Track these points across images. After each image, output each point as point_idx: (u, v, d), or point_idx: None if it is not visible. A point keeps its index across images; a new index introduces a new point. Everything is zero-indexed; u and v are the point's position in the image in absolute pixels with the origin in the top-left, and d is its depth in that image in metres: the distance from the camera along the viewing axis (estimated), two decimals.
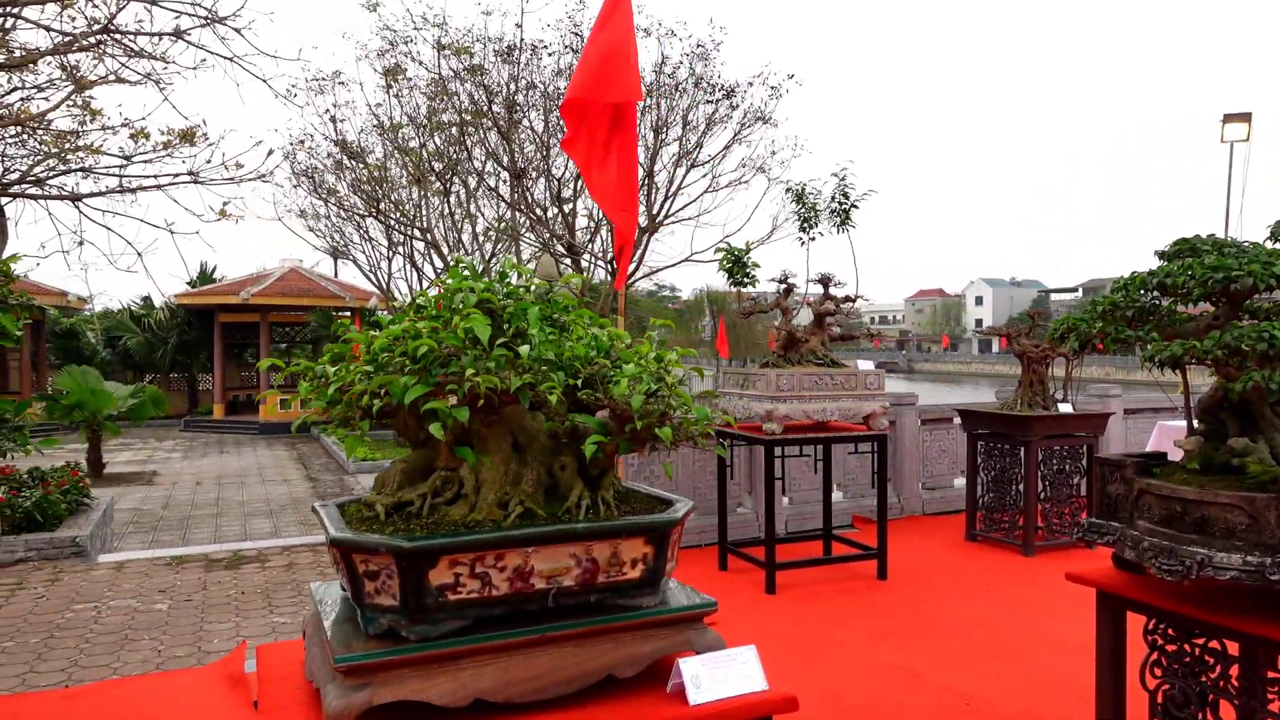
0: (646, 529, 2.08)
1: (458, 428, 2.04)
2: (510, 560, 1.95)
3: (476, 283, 2.11)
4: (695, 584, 6.70)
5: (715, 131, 11.62)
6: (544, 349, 1.98)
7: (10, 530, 9.32)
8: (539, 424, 2.22)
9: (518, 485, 2.11)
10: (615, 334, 2.32)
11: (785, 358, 6.83)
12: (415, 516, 2.05)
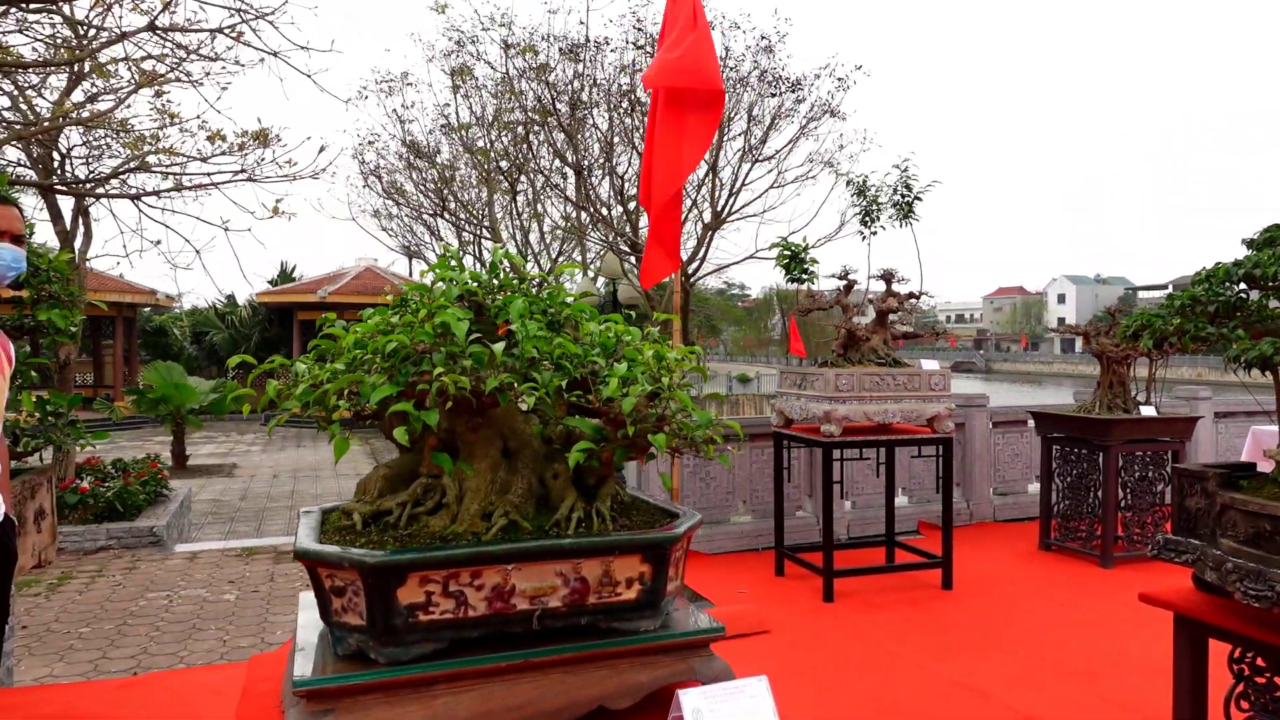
0: (642, 546, 1.87)
1: (442, 432, 1.87)
2: (488, 578, 1.75)
3: (459, 274, 1.93)
4: (750, 589, 6.46)
5: (781, 126, 11.30)
6: (528, 346, 1.79)
7: (93, 519, 9.58)
8: (532, 428, 2.02)
9: (505, 495, 1.91)
10: (623, 332, 2.12)
11: (845, 357, 6.51)
12: (393, 527, 1.88)
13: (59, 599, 8.41)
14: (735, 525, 7.55)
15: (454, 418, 1.84)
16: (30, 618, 7.96)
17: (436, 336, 1.72)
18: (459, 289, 1.91)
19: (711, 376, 44.27)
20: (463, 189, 14.49)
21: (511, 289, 1.99)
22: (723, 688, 1.89)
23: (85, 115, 8.35)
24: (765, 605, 6.05)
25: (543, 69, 11.65)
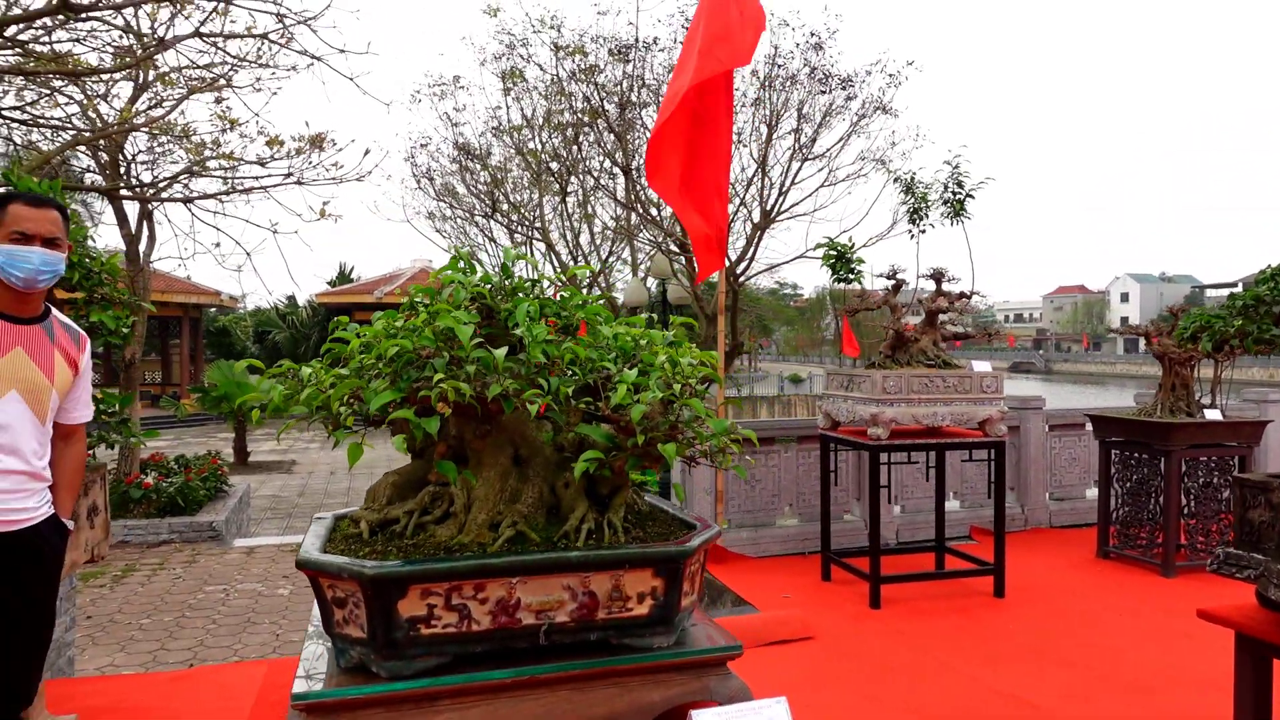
0: (654, 560, 1.77)
1: (450, 439, 1.81)
2: (492, 591, 1.68)
3: (468, 276, 1.86)
4: (796, 594, 6.31)
5: (831, 123, 11.08)
6: (535, 351, 1.71)
7: (155, 514, 9.82)
8: (544, 435, 1.95)
9: (514, 504, 1.84)
10: (645, 336, 2.03)
11: (893, 358, 6.32)
12: (399, 536, 1.82)
13: (122, 590, 8.63)
14: (781, 528, 7.41)
15: (462, 424, 1.78)
16: (95, 608, 8.18)
17: (439, 341, 1.66)
18: (468, 292, 1.84)
19: (763, 377, 43.79)
20: (515, 190, 14.55)
21: (524, 291, 1.92)
22: (739, 708, 1.79)
23: (141, 121, 8.52)
24: (810, 610, 5.91)
25: (592, 70, 11.62)
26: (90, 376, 3.11)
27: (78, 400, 3.00)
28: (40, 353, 2.78)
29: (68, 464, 3.03)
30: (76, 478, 3.12)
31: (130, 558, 9.32)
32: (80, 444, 3.15)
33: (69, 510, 3.08)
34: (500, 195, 14.06)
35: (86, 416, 3.11)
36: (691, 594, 1.90)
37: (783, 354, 75.38)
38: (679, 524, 2.00)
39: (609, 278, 16.16)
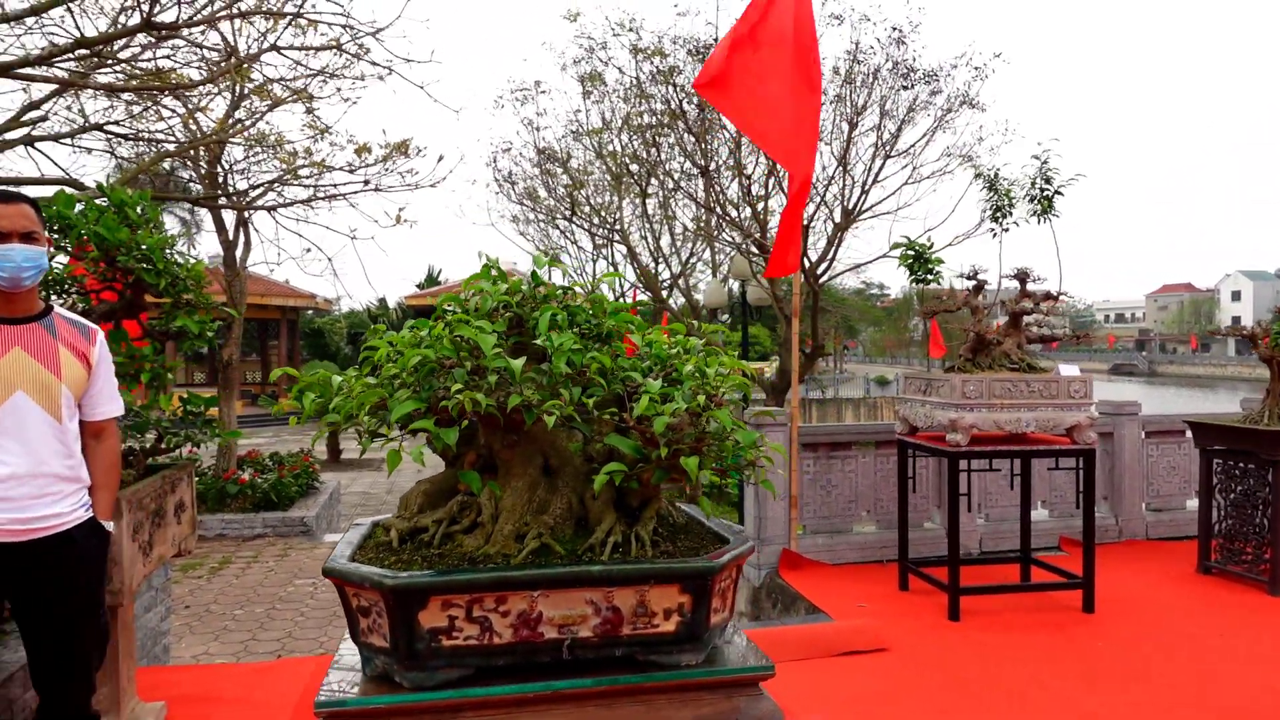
0: (680, 575, 1.72)
1: (480, 448, 1.79)
2: (514, 604, 1.65)
3: (495, 285, 1.84)
4: (872, 604, 6.13)
5: (915, 119, 10.76)
6: (559, 361, 1.67)
7: (250, 508, 10.21)
8: (575, 445, 1.91)
9: (541, 515, 1.81)
10: (683, 343, 1.97)
11: (974, 361, 6.08)
12: (426, 546, 1.81)
13: (218, 582, 9.00)
14: (858, 535, 7.22)
15: (490, 434, 1.76)
16: (192, 598, 8.55)
17: (462, 351, 1.64)
18: (495, 300, 1.82)
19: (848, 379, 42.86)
20: (595, 193, 14.63)
21: (555, 298, 1.89)
22: None
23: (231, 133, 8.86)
24: (886, 621, 5.73)
25: (671, 72, 11.58)
26: (110, 370, 3.00)
27: (99, 395, 2.90)
28: (43, 350, 2.68)
29: (100, 462, 2.93)
30: (112, 475, 3.01)
31: (226, 550, 9.72)
32: (111, 440, 3.01)
33: (107, 511, 2.97)
34: (580, 198, 14.15)
35: (114, 411, 3.00)
36: (722, 611, 1.84)
37: (869, 355, 73.77)
38: (713, 538, 1.94)
39: (689, 280, 16.10)
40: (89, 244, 4.39)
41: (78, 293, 4.64)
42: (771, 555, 6.86)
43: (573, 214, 14.26)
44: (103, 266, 4.64)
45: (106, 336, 4.37)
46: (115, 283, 4.79)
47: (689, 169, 12.61)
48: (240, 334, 11.22)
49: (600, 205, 14.82)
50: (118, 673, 4.28)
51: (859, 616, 5.93)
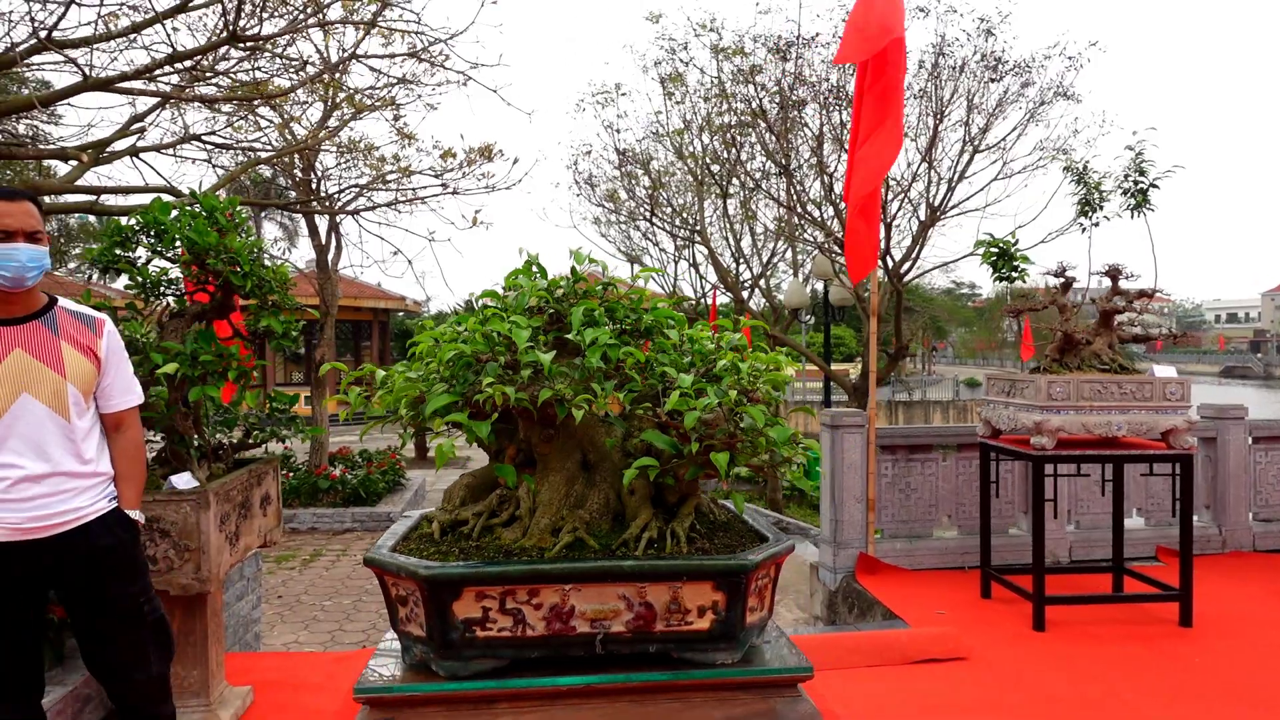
0: (713, 573, 1.69)
1: (520, 442, 1.80)
2: (546, 597, 1.66)
3: (532, 280, 1.84)
4: (952, 611, 5.96)
5: (1005, 112, 10.39)
6: (593, 356, 1.67)
7: (340, 503, 10.57)
8: (613, 441, 1.91)
9: (578, 510, 1.81)
10: (725, 339, 1.95)
11: (1061, 362, 5.83)
12: (466, 538, 1.83)
13: (309, 574, 9.34)
14: (938, 540, 7.01)
15: (528, 429, 1.77)
16: (285, 589, 8.90)
17: (498, 345, 1.65)
18: (532, 296, 1.83)
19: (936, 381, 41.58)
20: (676, 194, 14.62)
21: (596, 294, 1.88)
22: None
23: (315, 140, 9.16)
24: (966, 629, 5.55)
25: (753, 70, 11.50)
26: (123, 359, 2.89)
27: (112, 388, 2.81)
28: (43, 348, 2.62)
29: (121, 453, 2.84)
30: (134, 466, 2.90)
31: (318, 543, 10.08)
32: (131, 430, 2.91)
33: (132, 501, 2.87)
34: (661, 199, 14.17)
35: (130, 402, 2.89)
36: (760, 610, 1.81)
37: (959, 357, 71.49)
38: (753, 536, 1.91)
39: (770, 280, 15.94)
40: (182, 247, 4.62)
41: (174, 294, 4.89)
42: (848, 559, 6.72)
43: (653, 215, 14.29)
44: (195, 269, 4.88)
45: (197, 336, 4.58)
46: (208, 285, 5.03)
47: (770, 168, 12.49)
48: (333, 335, 11.62)
49: (681, 206, 14.81)
50: (207, 656, 4.47)
51: (938, 623, 5.76)
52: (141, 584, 2.82)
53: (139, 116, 5.84)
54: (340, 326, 25.28)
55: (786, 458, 1.75)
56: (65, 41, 4.43)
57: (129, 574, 2.77)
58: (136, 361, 4.43)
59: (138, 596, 2.78)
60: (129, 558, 2.77)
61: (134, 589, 2.77)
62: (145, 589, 2.84)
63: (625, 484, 1.69)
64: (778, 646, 1.90)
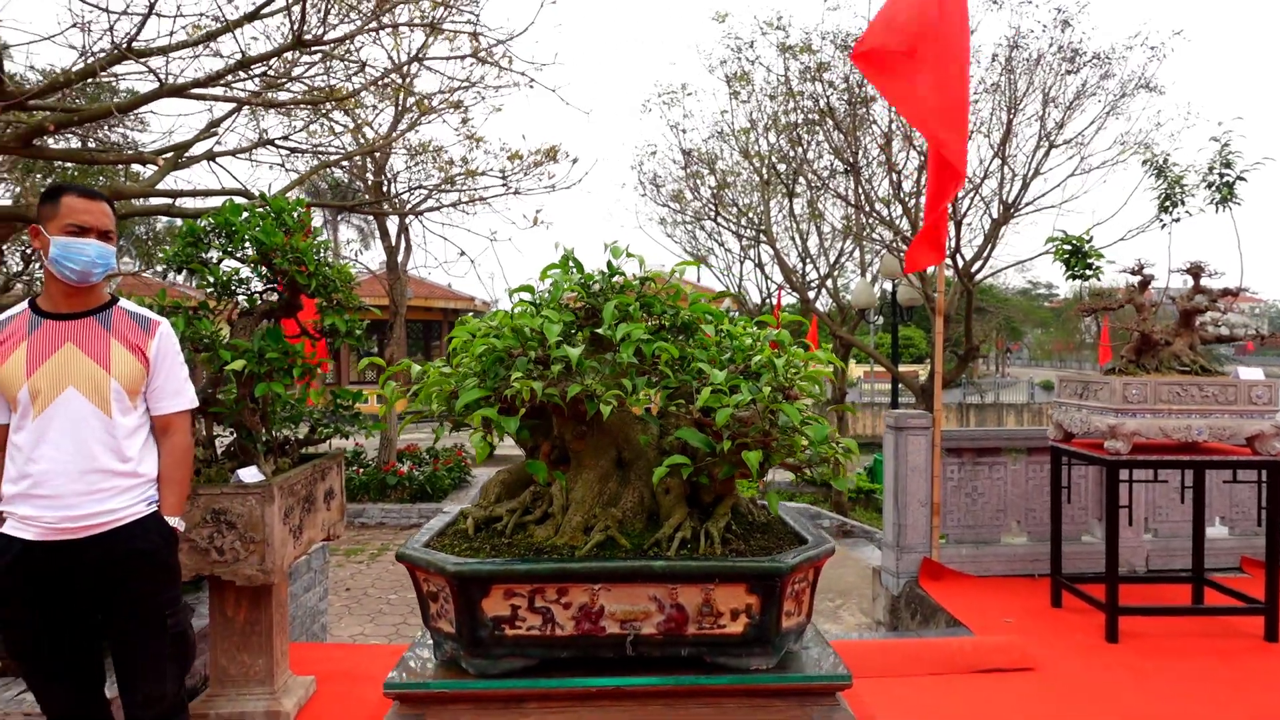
0: (747, 575, 1.63)
1: (555, 439, 1.77)
2: (575, 596, 1.62)
3: (567, 275, 1.81)
4: (1019, 619, 5.75)
5: (1083, 105, 9.99)
6: (626, 350, 1.62)
7: (408, 499, 10.75)
8: (647, 439, 1.86)
9: (611, 508, 1.77)
10: (759, 337, 1.88)
11: (1138, 364, 5.58)
12: (499, 535, 1.81)
13: (377, 567, 9.52)
14: (1006, 547, 6.78)
15: (562, 425, 1.73)
16: (353, 581, 9.08)
17: (528, 340, 1.62)
18: (566, 290, 1.79)
19: (1011, 383, 40.22)
20: (742, 194, 14.49)
21: (630, 288, 1.84)
22: None
23: (381, 143, 9.31)
24: (1034, 638, 5.34)
25: (820, 68, 11.33)
26: (175, 363, 2.82)
27: (162, 390, 2.76)
28: (92, 343, 2.60)
29: (167, 457, 2.76)
30: (178, 471, 2.80)
31: (385, 538, 10.27)
32: (179, 435, 2.81)
33: (173, 507, 2.77)
34: (726, 199, 14.06)
35: (179, 405, 2.80)
36: (796, 615, 1.74)
37: (1035, 359, 69.19)
38: (792, 539, 1.83)
39: (837, 280, 15.67)
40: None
41: (245, 294, 5.04)
42: (911, 564, 6.55)
43: (718, 215, 14.18)
44: (264, 269, 5.01)
45: (264, 334, 4.68)
46: (277, 284, 5.16)
47: (837, 166, 12.29)
48: (403, 335, 11.82)
49: (746, 206, 14.67)
50: (272, 646, 4.56)
51: (1004, 632, 5.56)
52: (170, 594, 2.74)
53: (215, 122, 6.02)
54: (411, 326, 25.77)
55: (824, 457, 1.68)
56: (143, 50, 4.58)
57: (159, 580, 2.68)
58: (206, 359, 4.57)
59: (164, 605, 2.70)
60: (161, 564, 2.69)
61: (162, 596, 2.70)
62: (174, 599, 2.76)
63: (655, 481, 1.64)
64: (817, 653, 1.82)
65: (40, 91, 4.37)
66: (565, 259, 1.91)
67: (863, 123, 11.55)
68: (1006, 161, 10.36)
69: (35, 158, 4.42)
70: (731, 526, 1.80)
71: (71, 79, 4.32)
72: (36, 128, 4.33)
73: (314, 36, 4.32)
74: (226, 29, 4.69)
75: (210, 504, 4.54)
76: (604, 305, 1.73)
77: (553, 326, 1.61)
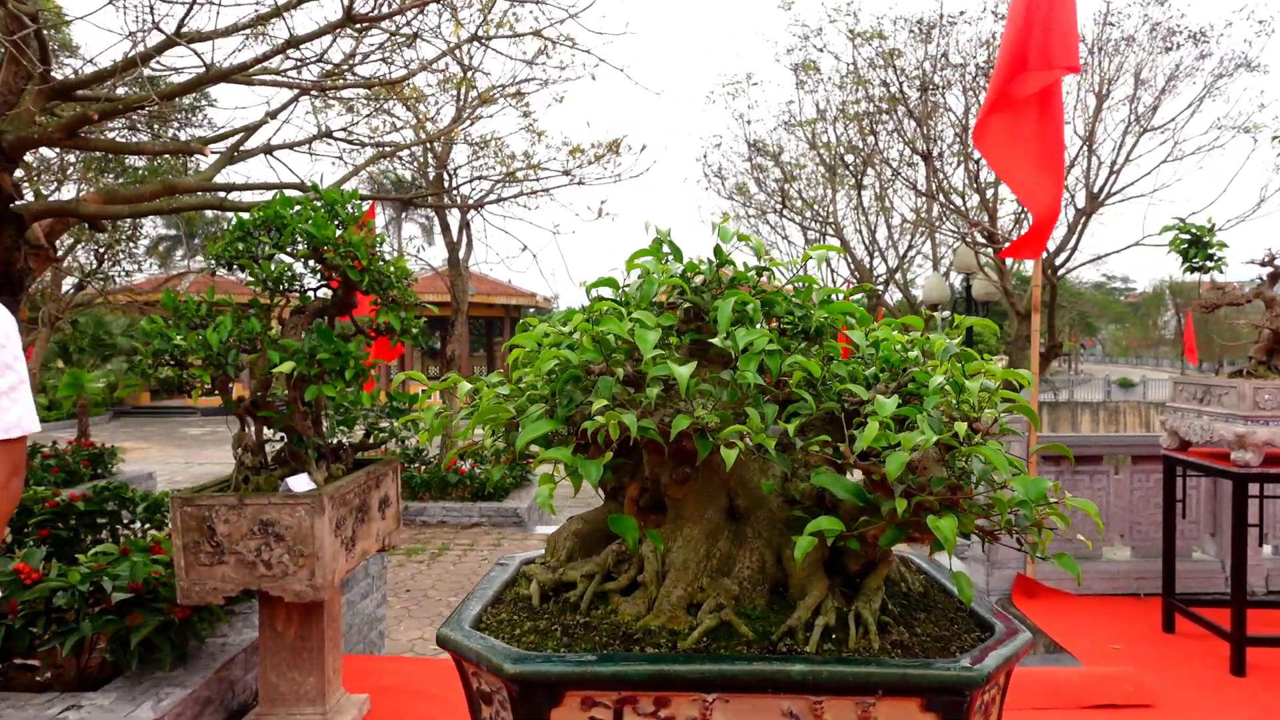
0: (924, 686, 1.14)
1: (645, 480, 1.30)
2: (680, 709, 1.14)
3: (663, 265, 1.33)
4: (1128, 646, 5.10)
5: (1177, 87, 9.17)
6: (747, 368, 1.14)
7: (469, 498, 10.43)
8: (772, 481, 1.36)
9: (722, 577, 1.28)
10: (919, 344, 1.39)
11: (1269, 365, 4.91)
12: (573, 608, 1.34)
13: (437, 568, 9.18)
14: (1108, 563, 6.12)
15: (656, 463, 1.27)
16: (413, 583, 8.75)
17: (612, 352, 1.15)
18: (662, 284, 1.32)
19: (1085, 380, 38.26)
20: (808, 187, 13.86)
21: (748, 282, 1.36)
22: None
23: (440, 133, 8.96)
24: (1149, 669, 4.73)
25: (891, 54, 10.69)
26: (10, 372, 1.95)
27: None
28: None
29: None
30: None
31: (446, 537, 9.95)
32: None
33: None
34: (792, 192, 13.44)
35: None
36: None
37: (1109, 355, 66.53)
38: (965, 618, 1.33)
39: (907, 274, 14.92)
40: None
41: (298, 292, 4.70)
42: (1003, 580, 5.94)
43: (784, 208, 13.57)
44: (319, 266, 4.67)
45: (316, 334, 4.30)
46: (332, 281, 4.82)
47: (908, 156, 11.62)
48: (465, 331, 11.51)
49: (813, 199, 14.04)
50: (323, 664, 4.20)
51: (1113, 661, 4.96)
52: None
53: (273, 113, 5.70)
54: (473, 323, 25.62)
55: (1035, 522, 1.17)
56: (192, 35, 4.25)
57: None
58: (254, 359, 4.22)
59: None
60: None
61: None
62: None
63: (799, 557, 1.15)
64: None
65: (86, 81, 4.09)
66: (658, 243, 1.43)
67: (936, 110, 10.88)
68: (1094, 149, 9.59)
69: (79, 149, 4.17)
70: (887, 605, 1.30)
71: (119, 68, 4.02)
72: (81, 118, 4.03)
73: (363, 14, 3.94)
74: (276, 13, 4.35)
75: (258, 514, 4.19)
76: (715, 305, 1.23)
77: (648, 334, 1.13)
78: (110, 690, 4.33)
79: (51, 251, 4.45)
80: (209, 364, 4.29)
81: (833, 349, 1.34)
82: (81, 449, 10.08)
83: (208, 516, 4.25)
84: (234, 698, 4.57)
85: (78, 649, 4.55)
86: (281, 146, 5.98)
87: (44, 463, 8.98)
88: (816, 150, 12.77)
